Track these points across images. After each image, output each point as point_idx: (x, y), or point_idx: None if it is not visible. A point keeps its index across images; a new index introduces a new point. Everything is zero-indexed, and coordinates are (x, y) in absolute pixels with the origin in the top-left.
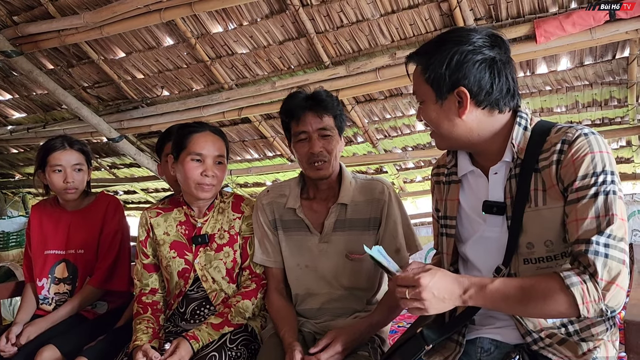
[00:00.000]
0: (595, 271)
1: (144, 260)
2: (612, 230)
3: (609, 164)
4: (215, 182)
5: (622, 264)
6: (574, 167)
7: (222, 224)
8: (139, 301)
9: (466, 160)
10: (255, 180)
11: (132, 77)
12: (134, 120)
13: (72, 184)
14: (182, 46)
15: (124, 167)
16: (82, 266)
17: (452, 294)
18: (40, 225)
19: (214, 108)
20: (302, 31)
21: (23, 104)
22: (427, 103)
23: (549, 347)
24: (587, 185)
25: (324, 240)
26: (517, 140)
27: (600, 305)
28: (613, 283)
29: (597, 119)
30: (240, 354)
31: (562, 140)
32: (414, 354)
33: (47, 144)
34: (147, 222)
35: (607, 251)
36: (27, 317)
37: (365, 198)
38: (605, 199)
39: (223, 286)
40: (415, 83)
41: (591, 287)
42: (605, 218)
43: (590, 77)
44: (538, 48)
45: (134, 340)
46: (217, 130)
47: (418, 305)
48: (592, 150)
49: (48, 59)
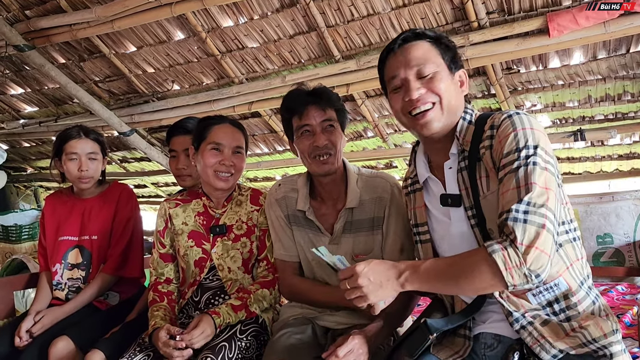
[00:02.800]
0: (515, 237)
1: (161, 249)
2: (531, 197)
3: (532, 139)
4: (233, 171)
5: (541, 228)
6: (500, 147)
7: (240, 215)
8: (155, 289)
9: (423, 168)
10: (265, 175)
11: (143, 71)
12: (144, 114)
13: (86, 173)
14: (192, 40)
15: (134, 161)
16: (96, 252)
17: (388, 278)
18: (54, 213)
19: (224, 102)
20: (312, 25)
21: (35, 98)
22: (440, 73)
23: (534, 330)
24: (510, 161)
25: (334, 242)
26: (462, 133)
27: (522, 270)
28: (532, 246)
29: (610, 114)
30: (250, 344)
31: (491, 125)
32: (419, 344)
33: (64, 132)
34: (166, 212)
35: (525, 217)
36: (42, 307)
37: (369, 197)
38: (525, 170)
39: (238, 276)
40: (428, 55)
41: (512, 252)
42: (525, 187)
43: (603, 71)
44: (551, 42)
45: (152, 325)
46: (236, 123)
47: (358, 293)
48: (515, 128)
49: (60, 53)
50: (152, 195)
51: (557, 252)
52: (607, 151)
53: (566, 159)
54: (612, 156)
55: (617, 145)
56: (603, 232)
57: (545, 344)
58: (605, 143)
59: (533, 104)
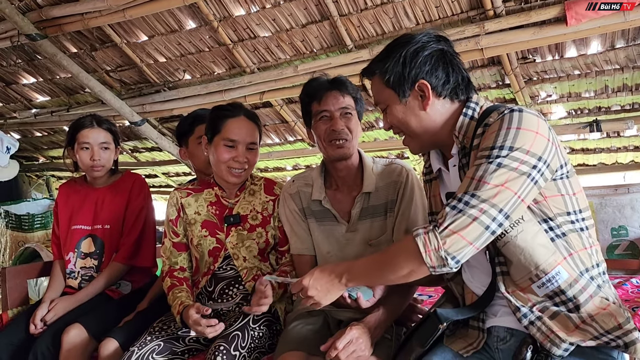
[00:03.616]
0: (442, 222)
1: (174, 238)
2: (479, 192)
3: (511, 140)
4: (247, 167)
5: (473, 220)
6: (482, 143)
7: (255, 205)
8: (172, 276)
9: (436, 160)
10: (276, 165)
11: (155, 61)
12: (155, 104)
13: (98, 162)
14: (204, 29)
15: (145, 151)
16: (108, 241)
17: (332, 284)
18: (67, 202)
19: (236, 92)
20: (325, 14)
21: (47, 87)
22: (392, 106)
23: (543, 325)
24: (480, 156)
25: (351, 229)
26: (462, 130)
27: (440, 253)
28: (455, 232)
29: (627, 105)
30: (263, 334)
31: (486, 123)
32: (430, 334)
33: (77, 121)
34: (178, 201)
35: (462, 207)
36: (56, 295)
37: (384, 182)
38: (487, 167)
39: (255, 264)
40: (377, 92)
41: (432, 236)
42: (478, 182)
43: (621, 61)
44: (568, 31)
45: (180, 304)
46: (251, 115)
47: (311, 301)
48: (501, 127)
49: (72, 43)
50: (162, 185)
51: (554, 242)
52: (623, 142)
53: (581, 150)
54: (627, 147)
55: (634, 137)
56: (618, 225)
57: (555, 339)
58: (621, 134)
59: (548, 94)
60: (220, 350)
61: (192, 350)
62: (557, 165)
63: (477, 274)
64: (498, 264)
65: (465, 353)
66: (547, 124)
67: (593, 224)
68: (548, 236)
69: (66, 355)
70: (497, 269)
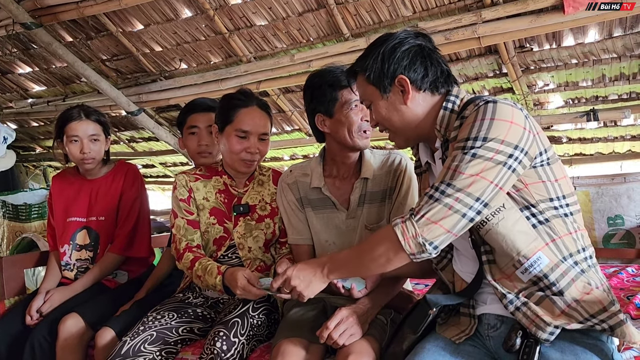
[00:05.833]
0: (419, 210)
1: (188, 216)
2: (454, 181)
3: (486, 131)
4: (258, 157)
5: (448, 208)
6: (459, 134)
7: (263, 195)
8: (191, 250)
9: (424, 153)
10: (273, 155)
11: (151, 50)
12: (152, 93)
13: (88, 154)
14: (200, 18)
15: (142, 141)
16: (103, 233)
17: (314, 274)
18: (62, 194)
19: (232, 81)
20: (321, 2)
21: (43, 77)
22: (375, 102)
23: (528, 310)
24: (456, 147)
25: (351, 216)
26: (442, 123)
27: (418, 239)
28: (431, 221)
29: (625, 94)
30: (261, 322)
31: (461, 116)
32: (421, 319)
33: (65, 113)
34: (187, 183)
35: (438, 196)
36: (52, 286)
37: (383, 171)
38: (462, 157)
39: (259, 255)
40: (361, 90)
41: (409, 224)
42: (454, 172)
43: (619, 50)
44: (565, 19)
45: (216, 267)
46: (263, 105)
47: (295, 292)
48: (476, 118)
49: (67, 31)
50: (160, 175)
51: (536, 228)
52: (620, 132)
53: (578, 139)
54: (625, 137)
55: (631, 126)
56: (614, 214)
57: (540, 323)
58: (618, 123)
59: (546, 84)
60: (220, 335)
61: (186, 340)
62: (537, 152)
63: (465, 262)
64: (484, 253)
65: (457, 340)
66: (523, 112)
67: (579, 210)
68: (530, 223)
69: (63, 345)
70: (483, 257)
